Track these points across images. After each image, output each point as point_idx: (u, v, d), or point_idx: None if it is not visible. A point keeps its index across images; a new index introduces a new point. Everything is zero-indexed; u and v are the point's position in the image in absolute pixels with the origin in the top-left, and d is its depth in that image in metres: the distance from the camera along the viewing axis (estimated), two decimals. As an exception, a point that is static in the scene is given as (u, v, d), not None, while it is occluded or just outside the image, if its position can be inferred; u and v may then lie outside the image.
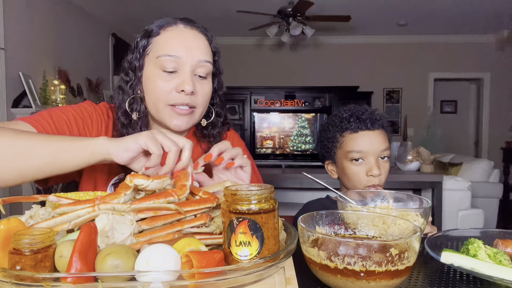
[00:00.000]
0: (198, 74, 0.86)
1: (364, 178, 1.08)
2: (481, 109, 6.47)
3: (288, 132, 6.51)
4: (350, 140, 1.10)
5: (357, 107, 1.14)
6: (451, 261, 0.62)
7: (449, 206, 3.10)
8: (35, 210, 0.60)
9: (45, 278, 0.44)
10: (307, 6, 4.09)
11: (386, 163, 1.10)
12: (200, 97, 0.86)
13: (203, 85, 0.87)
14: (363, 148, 1.07)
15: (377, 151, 1.08)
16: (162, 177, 0.61)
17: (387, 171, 1.11)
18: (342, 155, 1.12)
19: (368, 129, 1.08)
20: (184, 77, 0.83)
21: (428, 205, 0.75)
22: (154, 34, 0.86)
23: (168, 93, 0.83)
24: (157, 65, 0.84)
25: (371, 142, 1.08)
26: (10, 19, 3.31)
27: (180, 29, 0.86)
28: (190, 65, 0.83)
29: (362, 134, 1.09)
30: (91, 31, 4.92)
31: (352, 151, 1.08)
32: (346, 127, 1.11)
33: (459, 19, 5.34)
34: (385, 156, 1.09)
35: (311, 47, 6.45)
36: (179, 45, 0.83)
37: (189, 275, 0.47)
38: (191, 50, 0.84)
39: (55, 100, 3.84)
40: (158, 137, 0.67)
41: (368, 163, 1.08)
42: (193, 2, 4.67)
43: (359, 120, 1.09)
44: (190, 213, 0.59)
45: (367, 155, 1.08)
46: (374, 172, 1.06)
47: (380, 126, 1.10)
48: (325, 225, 0.68)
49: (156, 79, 0.84)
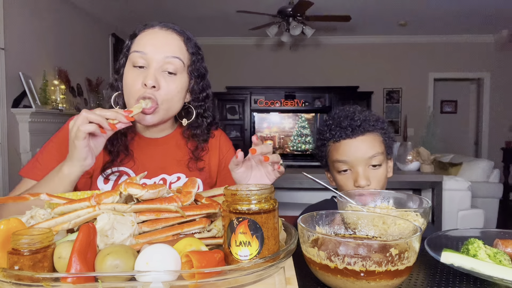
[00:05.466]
0: (167, 71, 0.90)
1: (351, 188, 1.01)
2: (481, 109, 6.47)
3: (288, 132, 6.51)
4: (333, 149, 1.05)
5: (343, 111, 1.07)
6: (451, 261, 0.62)
7: (449, 206, 3.09)
8: (35, 210, 0.60)
9: (45, 278, 0.44)
10: (307, 6, 4.09)
11: (378, 171, 1.01)
12: (163, 93, 0.90)
13: (169, 81, 0.91)
14: (347, 157, 1.01)
15: (363, 159, 1.00)
16: (158, 186, 0.60)
17: (380, 179, 1.02)
18: (331, 164, 1.07)
19: (349, 137, 1.01)
20: (149, 72, 0.88)
21: (428, 205, 0.75)
22: (135, 36, 0.94)
23: (135, 87, 0.89)
24: (130, 61, 0.91)
25: (354, 150, 1.00)
26: (10, 19, 3.31)
27: (155, 30, 0.92)
28: (156, 61, 0.89)
29: (344, 143, 1.02)
30: (91, 31, 4.93)
31: (336, 160, 1.03)
32: (329, 137, 1.05)
33: (459, 19, 5.34)
34: (376, 164, 1.00)
35: (311, 47, 6.45)
36: (147, 43, 0.90)
37: (189, 275, 0.47)
38: (158, 47, 0.89)
39: (55, 100, 3.84)
40: (77, 120, 0.76)
41: (355, 173, 1.00)
42: (193, 2, 4.67)
43: (339, 127, 1.03)
44: (191, 217, 0.59)
45: (353, 164, 1.00)
46: (360, 183, 0.98)
47: (364, 131, 1.01)
48: (325, 225, 0.68)
49: (127, 74, 0.91)
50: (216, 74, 6.26)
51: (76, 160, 0.77)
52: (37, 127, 3.59)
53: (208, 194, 0.72)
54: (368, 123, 1.02)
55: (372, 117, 1.05)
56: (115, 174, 0.95)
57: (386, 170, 1.05)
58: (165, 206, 0.57)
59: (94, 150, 0.79)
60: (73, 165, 0.78)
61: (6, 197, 0.63)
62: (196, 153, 1.03)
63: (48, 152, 0.94)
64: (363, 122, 1.02)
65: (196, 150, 1.03)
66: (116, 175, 0.95)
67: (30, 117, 3.44)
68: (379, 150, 1.01)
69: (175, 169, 1.00)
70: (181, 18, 5.24)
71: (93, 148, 0.79)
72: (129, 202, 0.59)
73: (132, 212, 0.57)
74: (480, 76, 6.39)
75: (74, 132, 0.75)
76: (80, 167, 0.78)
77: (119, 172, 0.95)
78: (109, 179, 0.95)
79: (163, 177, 0.98)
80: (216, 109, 1.10)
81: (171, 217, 0.58)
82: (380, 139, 1.04)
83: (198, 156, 1.03)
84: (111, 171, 0.95)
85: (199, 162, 1.03)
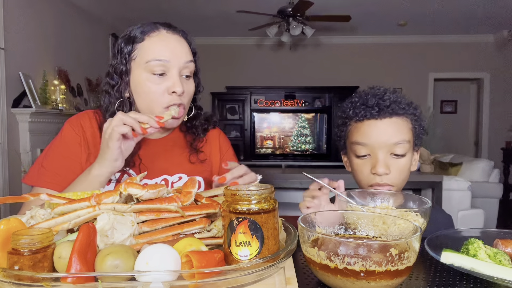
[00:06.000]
0: (185, 75, 0.94)
1: (368, 175, 0.91)
2: (481, 109, 6.46)
3: (288, 132, 6.51)
4: (354, 129, 0.94)
5: (373, 89, 0.95)
6: (451, 261, 0.62)
7: (449, 206, 3.09)
8: (35, 210, 0.60)
9: (45, 278, 0.44)
10: (307, 6, 4.08)
11: (400, 160, 0.90)
12: (187, 96, 0.95)
13: (188, 84, 0.95)
14: (368, 140, 0.90)
15: (386, 145, 0.88)
16: (158, 186, 0.60)
17: (402, 170, 0.91)
18: (349, 146, 0.97)
19: (374, 117, 0.90)
20: (174, 80, 0.90)
21: (428, 205, 0.75)
22: (138, 40, 0.92)
23: (161, 95, 0.90)
24: (147, 70, 0.90)
25: (377, 133, 0.89)
26: (10, 19, 3.31)
27: (163, 34, 0.93)
28: (177, 67, 0.91)
29: (367, 124, 0.91)
30: (91, 31, 4.93)
31: (355, 142, 0.92)
32: (352, 115, 0.94)
33: (459, 19, 5.34)
34: (399, 154, 0.89)
35: (311, 47, 6.44)
36: (166, 50, 0.90)
37: (189, 275, 0.47)
38: (176, 53, 0.91)
39: (55, 100, 3.84)
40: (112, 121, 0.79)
41: (374, 158, 0.89)
42: (193, 2, 4.66)
43: (365, 106, 0.91)
44: (191, 217, 0.59)
45: (374, 149, 0.89)
46: (377, 170, 0.88)
47: (392, 113, 0.89)
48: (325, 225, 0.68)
49: (146, 82, 0.91)
50: (216, 74, 6.30)
51: (108, 161, 0.80)
52: (37, 127, 3.59)
53: (208, 194, 0.72)
54: (398, 105, 0.91)
55: (404, 100, 0.93)
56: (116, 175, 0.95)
57: (410, 162, 0.94)
58: (165, 206, 0.58)
59: (124, 153, 0.82)
60: (104, 165, 0.81)
61: (6, 197, 0.63)
62: (194, 144, 1.05)
63: (53, 158, 0.94)
64: (393, 103, 0.90)
65: (195, 141, 1.05)
66: (117, 175, 0.96)
67: (30, 117, 3.44)
68: (405, 138, 0.90)
69: (177, 169, 1.01)
70: (181, 18, 5.24)
71: (123, 151, 0.82)
72: (129, 202, 0.59)
73: (132, 212, 0.57)
74: (480, 76, 6.39)
75: (109, 133, 0.78)
76: (110, 168, 0.81)
77: (120, 173, 0.95)
78: (111, 180, 0.94)
79: (164, 178, 0.99)
80: (216, 109, 1.13)
81: (171, 217, 0.58)
82: (409, 126, 0.92)
83: (197, 148, 1.05)
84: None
85: (200, 154, 1.05)
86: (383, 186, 0.90)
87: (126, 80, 0.93)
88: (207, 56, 6.36)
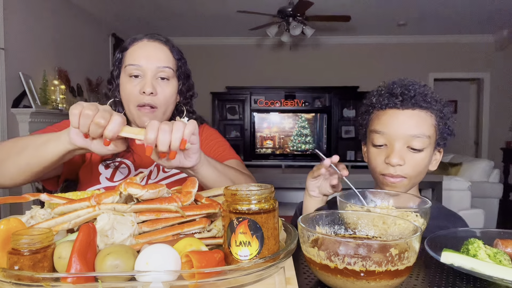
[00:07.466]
0: (160, 77, 1.02)
1: (381, 163, 0.89)
2: (481, 109, 6.46)
3: (288, 132, 6.50)
4: (375, 117, 0.92)
5: (401, 80, 0.93)
6: (451, 261, 0.62)
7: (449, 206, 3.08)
8: (35, 210, 0.60)
9: (45, 278, 0.44)
10: (307, 6, 4.08)
11: (417, 155, 0.88)
12: (161, 97, 1.01)
13: (163, 87, 1.02)
14: (386, 129, 0.88)
15: (403, 136, 0.86)
16: (158, 186, 0.60)
17: (418, 165, 0.88)
18: (368, 135, 0.95)
19: (396, 107, 0.88)
20: (145, 81, 0.99)
21: (428, 205, 0.75)
22: (125, 49, 1.05)
23: (135, 95, 1.00)
24: (126, 73, 1.02)
25: (397, 123, 0.87)
26: (10, 19, 3.31)
27: (144, 43, 1.03)
28: (150, 71, 1.00)
29: (388, 113, 0.89)
30: (91, 31, 4.93)
31: (373, 130, 0.90)
32: (375, 103, 0.92)
33: (459, 19, 5.34)
34: (417, 149, 0.86)
35: (311, 47, 6.44)
36: (140, 56, 1.01)
37: (189, 275, 0.47)
38: (150, 59, 1.01)
39: (55, 100, 3.84)
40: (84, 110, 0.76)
41: (390, 149, 0.87)
42: (193, 2, 4.66)
43: (389, 94, 0.89)
44: (191, 217, 0.59)
45: (391, 139, 0.87)
46: (391, 160, 0.85)
47: (415, 105, 0.87)
48: (325, 225, 0.68)
49: (125, 84, 1.02)
50: (216, 74, 6.31)
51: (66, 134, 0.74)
52: (37, 127, 3.59)
53: (208, 194, 0.72)
54: (423, 97, 0.88)
55: (432, 95, 0.90)
56: (115, 163, 1.05)
57: (429, 159, 0.91)
58: (165, 206, 0.58)
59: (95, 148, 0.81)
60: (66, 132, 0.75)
61: (6, 197, 0.63)
62: None
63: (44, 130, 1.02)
64: (418, 95, 0.88)
65: None
66: (116, 164, 1.05)
67: (30, 117, 3.44)
68: (425, 133, 0.87)
69: None
70: (181, 18, 5.24)
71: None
72: (129, 202, 0.59)
73: (132, 212, 0.57)
74: (480, 76, 6.38)
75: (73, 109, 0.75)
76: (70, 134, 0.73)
77: (118, 162, 1.05)
78: (109, 166, 1.05)
79: (157, 164, 1.06)
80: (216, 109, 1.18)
81: (171, 217, 0.58)
82: (432, 122, 0.89)
83: None
84: (111, 161, 1.05)
85: None
86: (396, 177, 0.88)
87: (117, 83, 1.06)
88: (207, 56, 6.37)
